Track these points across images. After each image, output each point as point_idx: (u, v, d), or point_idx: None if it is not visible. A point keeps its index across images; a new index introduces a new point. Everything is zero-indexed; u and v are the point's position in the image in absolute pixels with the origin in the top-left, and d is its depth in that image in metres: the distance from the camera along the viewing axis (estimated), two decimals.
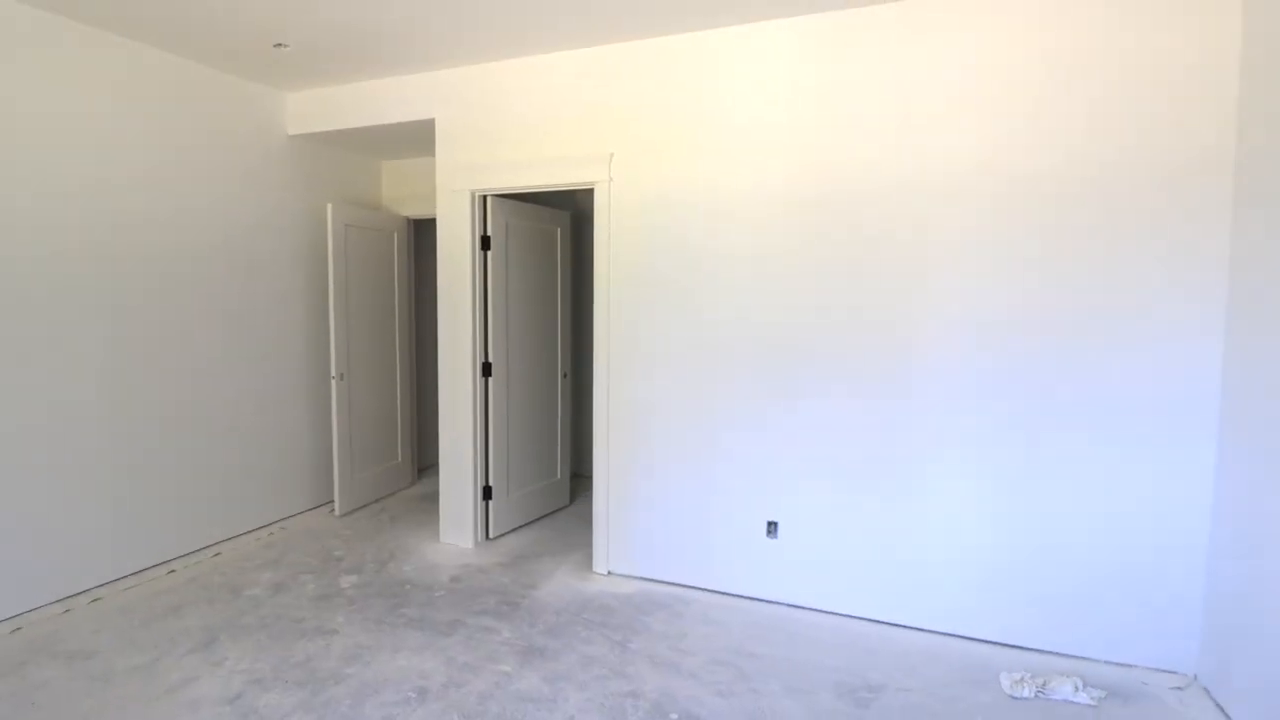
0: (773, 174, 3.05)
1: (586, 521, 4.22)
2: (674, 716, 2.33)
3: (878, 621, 2.99)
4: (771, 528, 3.16)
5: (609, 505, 3.46)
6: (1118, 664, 2.66)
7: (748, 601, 3.18)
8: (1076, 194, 2.63)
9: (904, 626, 2.95)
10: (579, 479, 5.12)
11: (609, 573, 3.48)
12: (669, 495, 3.34)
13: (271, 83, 3.88)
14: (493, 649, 2.75)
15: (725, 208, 3.14)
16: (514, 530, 4.08)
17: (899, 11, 2.81)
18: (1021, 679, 2.51)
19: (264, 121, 3.95)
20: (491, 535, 3.92)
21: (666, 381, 3.31)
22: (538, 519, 4.28)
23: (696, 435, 3.27)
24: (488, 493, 3.88)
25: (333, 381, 4.20)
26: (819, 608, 3.09)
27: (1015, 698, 2.46)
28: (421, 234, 5.20)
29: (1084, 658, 2.71)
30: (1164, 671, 2.61)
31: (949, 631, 2.89)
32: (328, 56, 3.44)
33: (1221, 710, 2.37)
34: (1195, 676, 2.57)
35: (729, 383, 3.19)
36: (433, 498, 4.69)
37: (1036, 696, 2.46)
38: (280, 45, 3.27)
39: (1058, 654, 2.73)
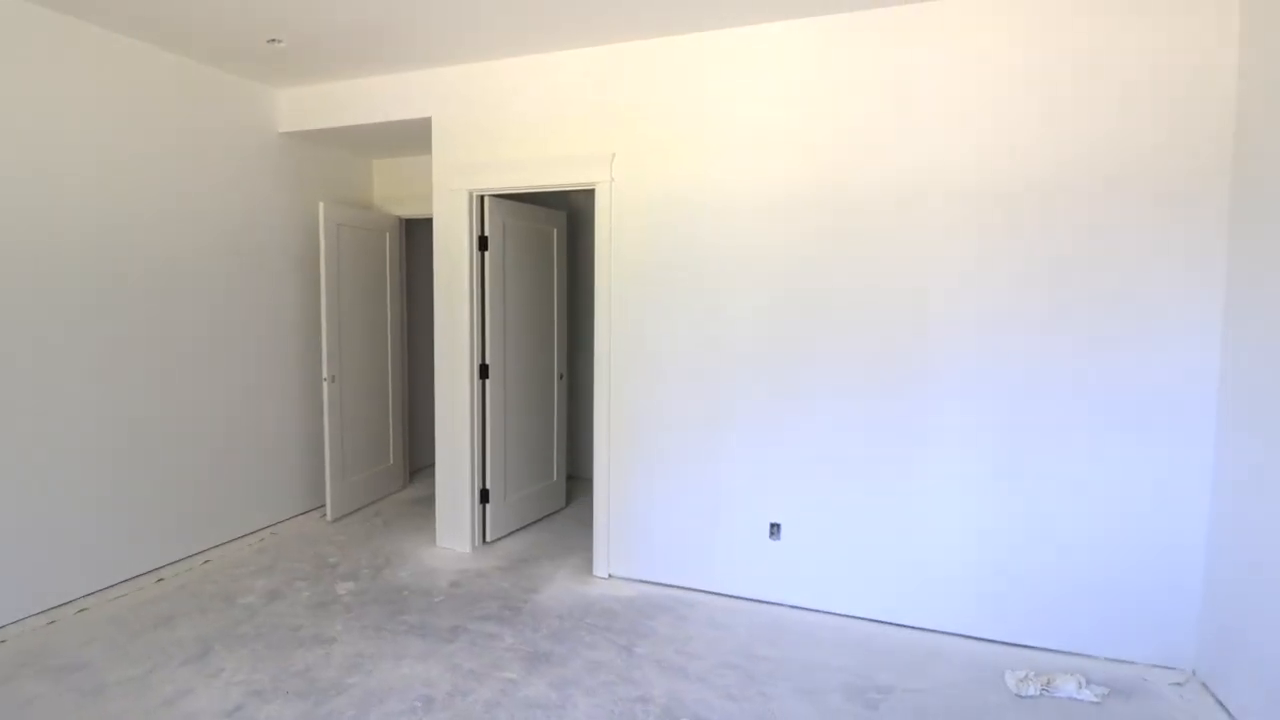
0: (775, 175, 3.05)
1: (583, 524, 4.19)
2: None
3: (881, 622, 3.00)
4: (774, 529, 3.16)
5: (609, 508, 3.44)
6: (1118, 660, 2.70)
7: (751, 604, 3.18)
8: (1075, 193, 2.66)
9: (907, 626, 2.96)
10: (574, 481, 5.09)
11: (609, 576, 3.46)
12: (670, 497, 3.33)
13: (263, 79, 3.79)
14: (497, 655, 2.71)
15: (728, 208, 3.13)
16: (511, 534, 4.03)
17: (899, 16, 2.82)
18: (1026, 677, 2.53)
19: (255, 118, 3.86)
20: (489, 539, 3.87)
21: (667, 382, 3.29)
22: (534, 522, 4.23)
23: (698, 436, 3.26)
24: (485, 496, 3.83)
25: (324, 384, 4.12)
26: (823, 609, 3.09)
27: (1021, 696, 2.48)
28: (413, 233, 5.13)
29: (1085, 655, 2.74)
30: (1163, 668, 2.64)
31: (952, 631, 2.91)
32: (324, 53, 3.38)
33: (1221, 706, 2.41)
34: (1194, 672, 2.61)
35: (730, 383, 3.19)
36: (426, 501, 4.63)
37: (1042, 695, 2.48)
38: (274, 41, 3.20)
39: (1059, 651, 2.76)
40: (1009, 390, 2.78)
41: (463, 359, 3.68)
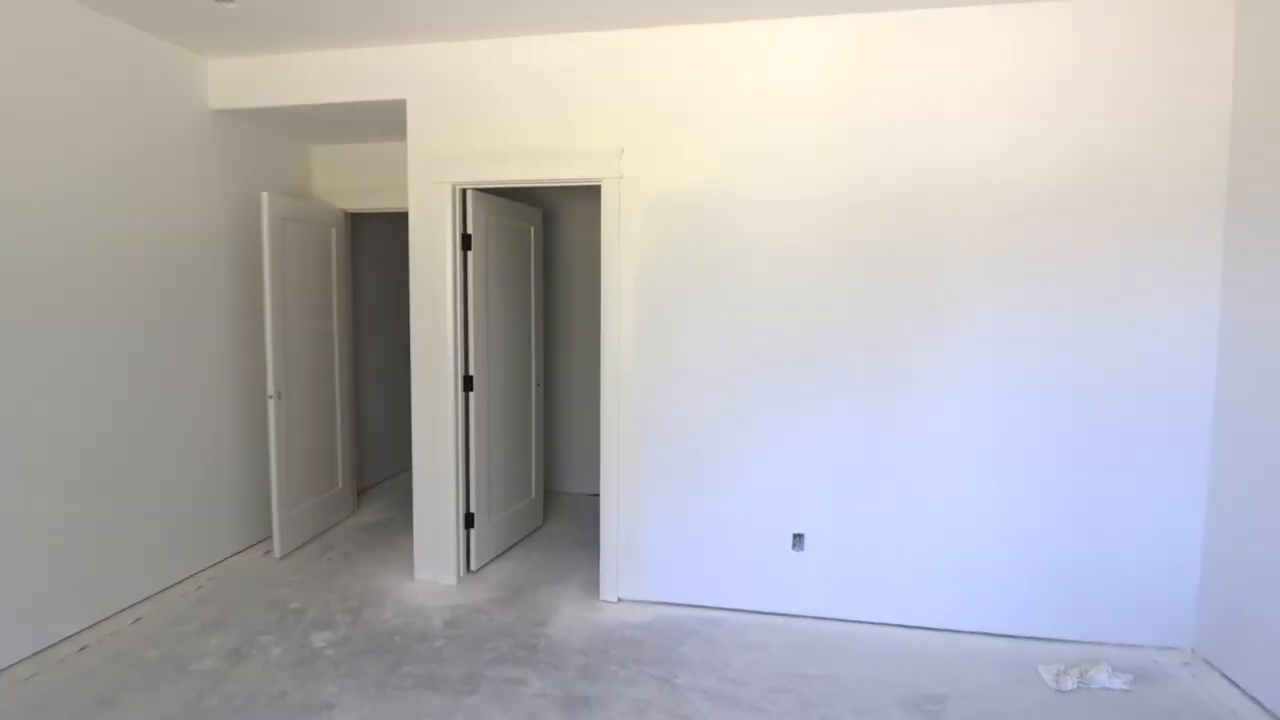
0: (796, 176, 2.96)
1: (568, 542, 3.94)
2: None
3: (908, 627, 3.00)
4: (798, 540, 3.08)
5: (619, 525, 3.22)
6: (1128, 645, 2.84)
7: (777, 618, 3.08)
8: (1080, 209, 2.76)
9: (933, 629, 2.98)
10: (549, 495, 4.79)
11: (619, 599, 3.24)
12: (684, 511, 3.16)
13: (193, 45, 3.22)
14: (529, 705, 2.43)
15: (744, 206, 3.00)
16: (495, 559, 3.70)
17: (920, 19, 2.81)
18: (1062, 671, 2.60)
19: (183, 91, 3.27)
20: (473, 567, 3.53)
21: (681, 390, 3.12)
22: (516, 544, 3.92)
23: (714, 446, 3.11)
24: (470, 520, 3.48)
25: (270, 401, 3.58)
26: (850, 618, 3.04)
27: (1063, 691, 2.54)
28: (355, 229, 4.60)
29: (1098, 642, 2.86)
30: (1169, 649, 2.81)
31: (974, 630, 2.95)
32: (280, 18, 2.90)
33: (1229, 680, 2.58)
34: (1193, 651, 2.79)
35: (747, 390, 3.06)
36: (381, 528, 4.17)
37: (1079, 687, 2.56)
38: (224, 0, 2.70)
39: (1075, 641, 2.87)
40: (1020, 398, 2.85)
41: (446, 371, 3.32)
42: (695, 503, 3.15)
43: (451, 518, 3.39)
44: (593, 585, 3.37)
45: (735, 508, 3.12)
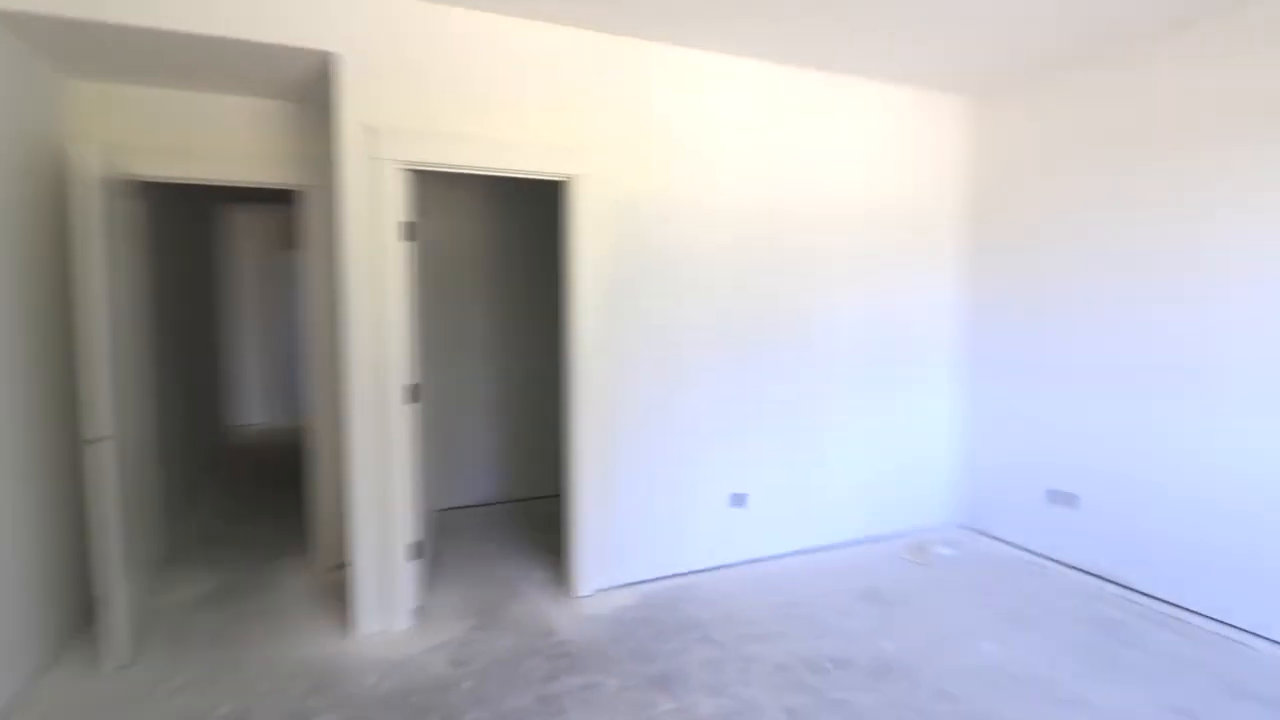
0: (728, 191, 3.44)
1: (475, 556, 3.72)
2: (861, 662, 2.66)
3: (817, 549, 3.81)
4: (739, 499, 3.61)
5: (587, 522, 3.25)
6: (928, 528, 4.18)
7: (727, 570, 3.55)
8: (893, 226, 3.95)
9: (828, 547, 3.85)
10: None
11: (594, 591, 3.29)
12: (644, 495, 3.38)
13: None
14: (626, 701, 2.44)
15: (692, 213, 3.37)
16: (430, 590, 3.28)
17: (811, 76, 3.59)
18: (917, 552, 3.74)
19: None
20: (416, 604, 3.09)
21: (632, 384, 3.32)
22: (432, 566, 3.51)
23: (664, 435, 3.40)
24: (419, 550, 3.05)
25: (92, 447, 2.49)
26: (775, 554, 3.72)
27: (927, 564, 3.66)
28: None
29: (908, 531, 4.11)
30: (947, 526, 4.24)
31: (847, 540, 3.93)
32: None
33: (993, 537, 4.06)
34: (961, 525, 4.27)
35: (693, 379, 3.45)
36: (224, 598, 3.27)
37: (934, 560, 3.72)
38: None
39: (898, 535, 4.05)
40: (867, 356, 3.93)
41: (391, 382, 2.84)
42: (653, 486, 3.40)
43: (402, 552, 2.93)
44: (550, 585, 3.36)
45: (685, 484, 3.48)
